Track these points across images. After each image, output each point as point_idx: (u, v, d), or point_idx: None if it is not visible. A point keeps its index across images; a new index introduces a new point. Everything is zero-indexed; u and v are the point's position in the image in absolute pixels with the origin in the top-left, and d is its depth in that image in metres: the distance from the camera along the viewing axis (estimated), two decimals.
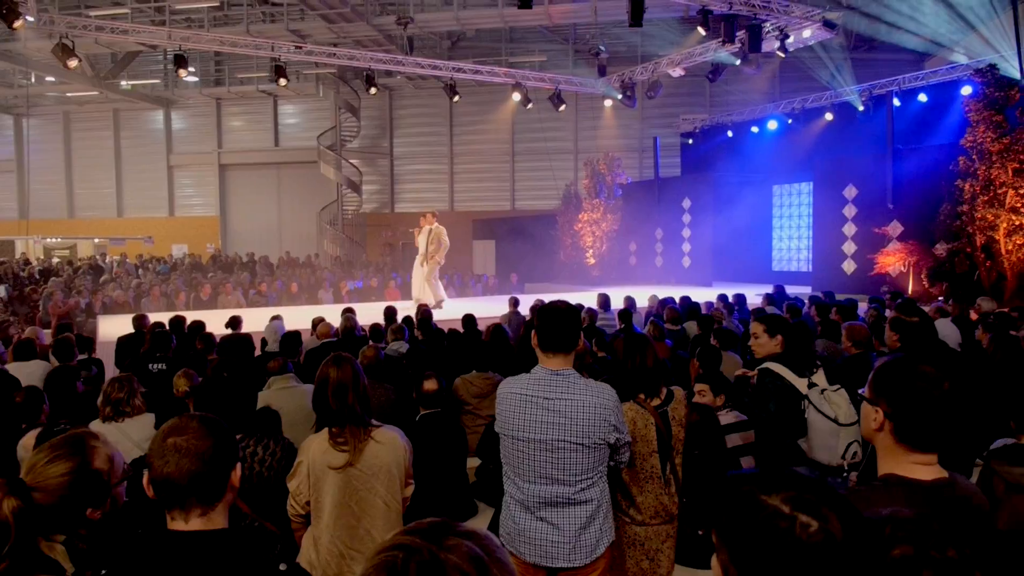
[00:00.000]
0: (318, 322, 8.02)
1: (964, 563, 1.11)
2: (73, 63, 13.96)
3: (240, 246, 25.15)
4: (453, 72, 17.13)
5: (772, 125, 17.96)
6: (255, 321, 9.50)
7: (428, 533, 0.93)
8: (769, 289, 11.48)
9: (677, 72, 17.14)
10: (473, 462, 5.19)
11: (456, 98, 17.49)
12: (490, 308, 12.01)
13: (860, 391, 1.78)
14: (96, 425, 3.84)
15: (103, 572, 1.52)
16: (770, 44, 14.63)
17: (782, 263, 18.14)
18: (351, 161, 24.37)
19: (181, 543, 1.50)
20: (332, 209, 24.33)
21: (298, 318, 10.07)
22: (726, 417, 4.55)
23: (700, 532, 3.78)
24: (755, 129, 18.46)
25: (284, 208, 26.81)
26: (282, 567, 1.54)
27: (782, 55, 14.69)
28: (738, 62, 15.23)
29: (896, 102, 14.63)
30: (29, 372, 6.26)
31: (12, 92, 25.51)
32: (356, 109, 23.69)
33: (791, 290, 12.36)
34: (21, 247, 24.82)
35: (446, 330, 8.00)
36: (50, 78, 23.52)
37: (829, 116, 16.39)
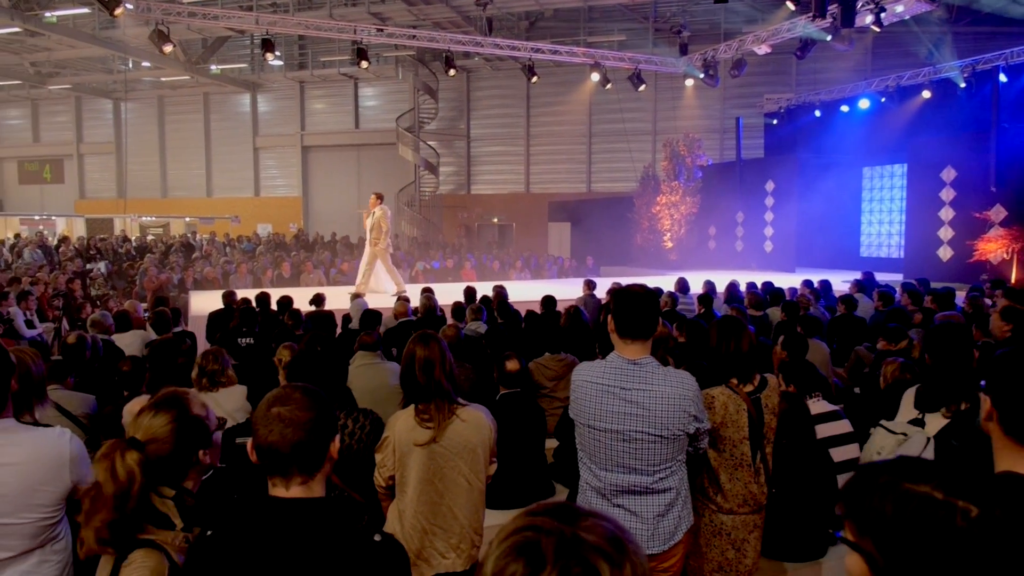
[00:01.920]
0: (397, 301, 8.15)
1: None
2: (168, 48, 14.55)
3: (321, 226, 25.82)
4: (532, 53, 17.02)
5: (864, 104, 17.15)
6: (335, 299, 9.74)
7: (558, 513, 0.89)
8: (857, 275, 11.02)
9: (763, 49, 16.52)
10: (551, 443, 5.17)
11: (534, 79, 17.38)
12: (565, 291, 11.94)
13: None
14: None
15: (208, 532, 1.57)
16: (864, 18, 13.91)
17: (871, 249, 17.37)
18: (429, 143, 24.61)
19: (283, 509, 1.54)
20: (410, 190, 24.67)
21: (376, 297, 10.26)
22: (816, 407, 4.38)
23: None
24: (845, 108, 17.68)
25: (363, 189, 27.31)
26: (377, 538, 1.56)
27: (876, 29, 13.94)
28: (829, 38, 14.55)
29: (1002, 77, 13.72)
30: (128, 342, 6.60)
31: (111, 78, 26.81)
32: (434, 91, 23.87)
33: (881, 277, 11.84)
34: (119, 225, 26.18)
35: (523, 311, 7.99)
36: (146, 64, 24.58)
37: (926, 94, 15.53)
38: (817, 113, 18.25)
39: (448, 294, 9.67)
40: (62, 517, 2.02)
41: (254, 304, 7.91)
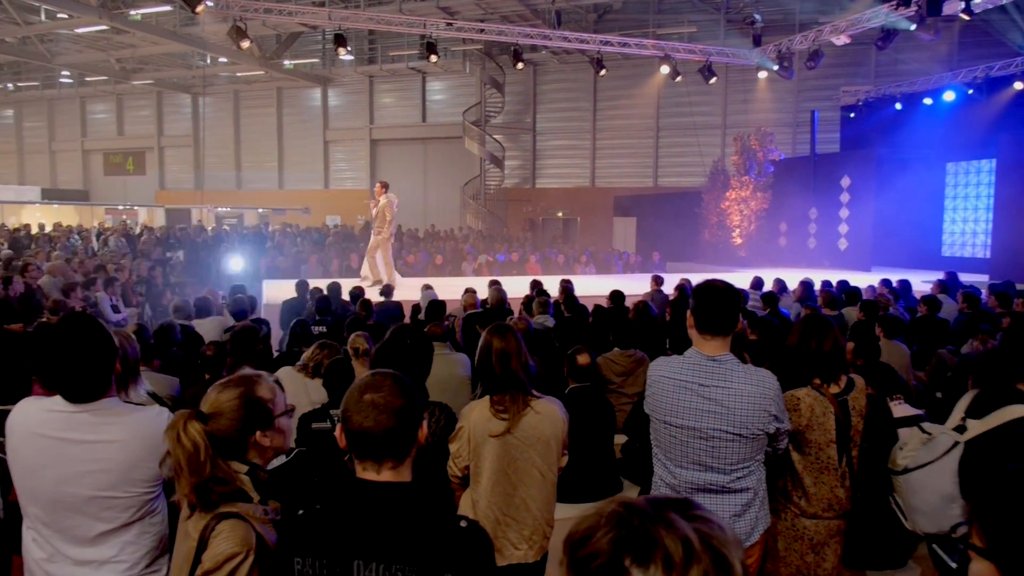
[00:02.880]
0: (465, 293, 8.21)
1: None
2: (245, 44, 15.00)
3: None
4: (600, 46, 16.88)
5: (949, 96, 16.37)
6: (402, 290, 9.88)
7: (653, 501, 0.88)
8: (939, 276, 10.56)
9: (841, 40, 15.94)
10: (619, 439, 5.14)
11: (602, 72, 17.23)
12: (631, 286, 11.82)
13: None
14: (285, 372, 4.13)
15: (300, 512, 1.61)
16: (953, 6, 13.27)
17: (954, 248, 16.61)
18: (495, 136, 24.70)
19: (373, 492, 1.57)
20: (475, 184, 24.81)
21: (442, 289, 10.36)
22: (898, 410, 4.22)
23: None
24: (928, 101, 16.91)
25: (429, 182, 27.64)
26: (463, 524, 1.58)
27: (966, 17, 13.28)
28: (913, 27, 13.93)
29: None
30: (207, 328, 6.84)
31: (190, 73, 27.82)
32: (501, 85, 23.93)
33: (964, 278, 11.31)
34: (196, 215, 27.17)
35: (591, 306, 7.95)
36: (223, 59, 25.40)
37: (1019, 85, 14.72)
38: (898, 106, 17.52)
39: (513, 287, 9.70)
40: (159, 493, 2.11)
41: (327, 293, 8.10)
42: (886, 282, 9.43)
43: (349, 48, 19.49)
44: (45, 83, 31.77)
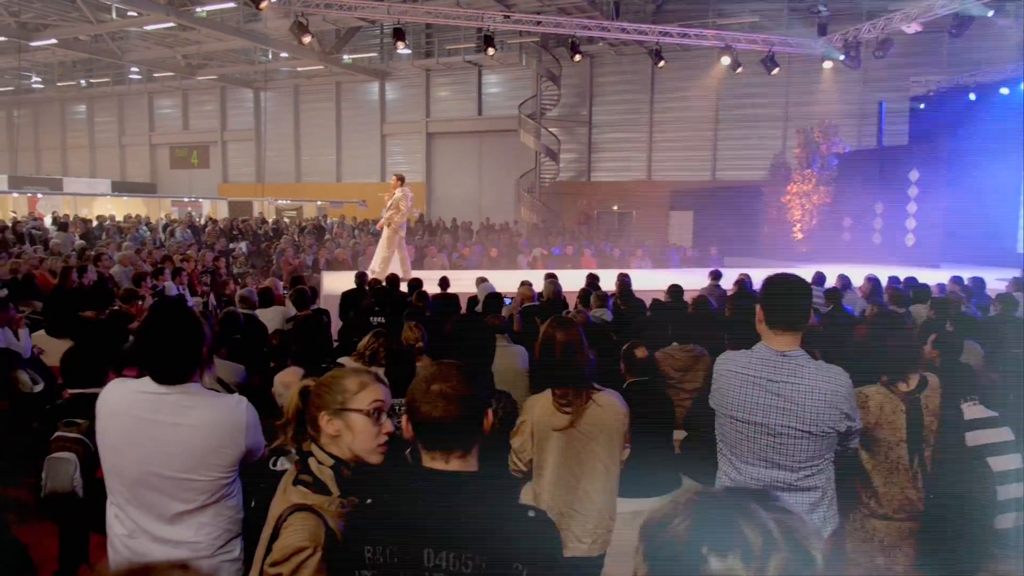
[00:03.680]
0: (521, 286, 8.21)
1: None
2: (307, 39, 15.28)
3: (443, 211, 26.42)
4: (659, 37, 16.64)
5: None
6: (457, 283, 9.94)
7: (732, 491, 0.86)
8: (1015, 273, 10.11)
9: (912, 28, 15.35)
10: (678, 435, 5.07)
11: (661, 64, 16.99)
12: (688, 281, 11.64)
13: None
14: (344, 362, 4.20)
15: (368, 500, 1.63)
16: None
17: None
18: (550, 129, 24.61)
19: (443, 480, 1.58)
20: (530, 177, 24.77)
21: (497, 282, 10.39)
22: (972, 411, 4.06)
23: None
24: (1005, 91, 16.17)
25: (484, 175, 27.72)
26: (531, 513, 1.58)
27: None
28: (990, 13, 13.35)
29: None
30: (269, 317, 7.00)
31: (253, 69, 28.49)
32: (557, 77, 23.79)
33: None
34: (257, 207, 27.86)
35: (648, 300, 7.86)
36: (284, 54, 25.92)
37: None
38: (972, 96, 16.79)
39: (568, 281, 9.66)
40: (235, 479, 2.17)
41: (384, 284, 8.21)
42: (957, 279, 9.08)
43: (407, 42, 19.69)
44: (115, 79, 32.95)
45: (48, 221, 20.27)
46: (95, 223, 19.64)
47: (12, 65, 28.07)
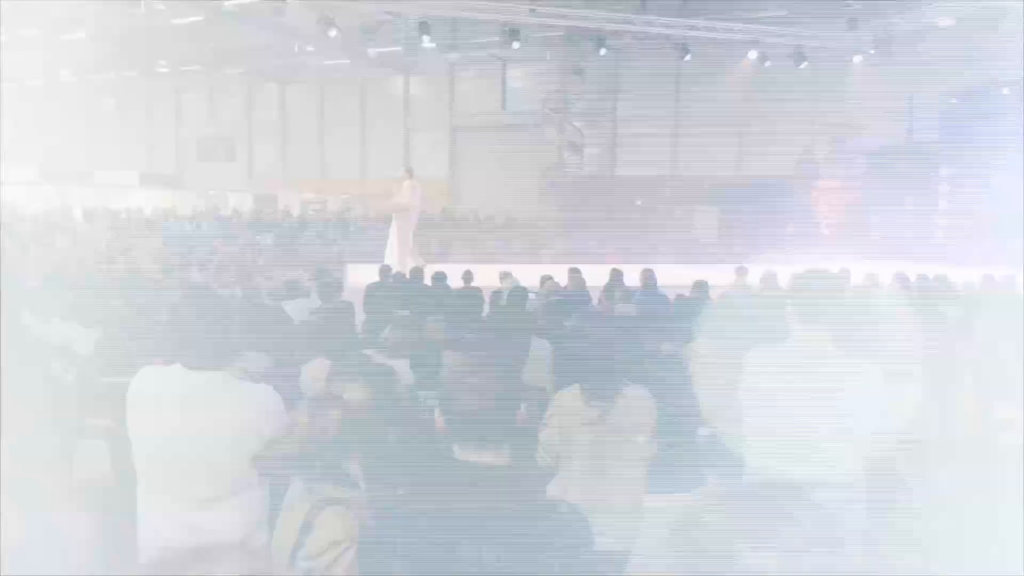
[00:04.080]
0: (545, 280, 8.19)
1: None
2: (333, 32, 15.32)
3: (467, 205, 26.42)
4: (686, 30, 16.48)
5: None
6: (481, 276, 9.91)
7: (766, 487, 0.84)
8: None
9: (946, 22, 15.05)
10: (704, 430, 5.02)
11: (687, 58, 16.82)
12: (713, 276, 11.53)
13: None
14: (372, 352, 4.20)
15: (400, 492, 1.62)
16: None
17: None
18: (574, 123, 24.48)
19: (476, 473, 1.57)
20: (554, 171, 24.66)
21: (521, 276, 10.35)
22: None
23: None
24: None
25: (508, 169, 27.65)
26: (563, 508, 1.56)
27: None
28: None
29: None
30: (295, 308, 7.03)
31: (279, 63, 28.65)
32: (581, 71, 23.65)
33: None
34: (282, 200, 28.06)
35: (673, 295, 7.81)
36: (310, 48, 26.02)
37: None
38: (1005, 91, 16.47)
39: (591, 275, 9.60)
40: (261, 467, 2.17)
41: (409, 278, 8.22)
42: (989, 277, 8.93)
43: (431, 36, 19.69)
44: (143, 72, 33.30)
45: (78, 213, 20.57)
46: (124, 215, 19.91)
47: (43, 59, 28.47)
